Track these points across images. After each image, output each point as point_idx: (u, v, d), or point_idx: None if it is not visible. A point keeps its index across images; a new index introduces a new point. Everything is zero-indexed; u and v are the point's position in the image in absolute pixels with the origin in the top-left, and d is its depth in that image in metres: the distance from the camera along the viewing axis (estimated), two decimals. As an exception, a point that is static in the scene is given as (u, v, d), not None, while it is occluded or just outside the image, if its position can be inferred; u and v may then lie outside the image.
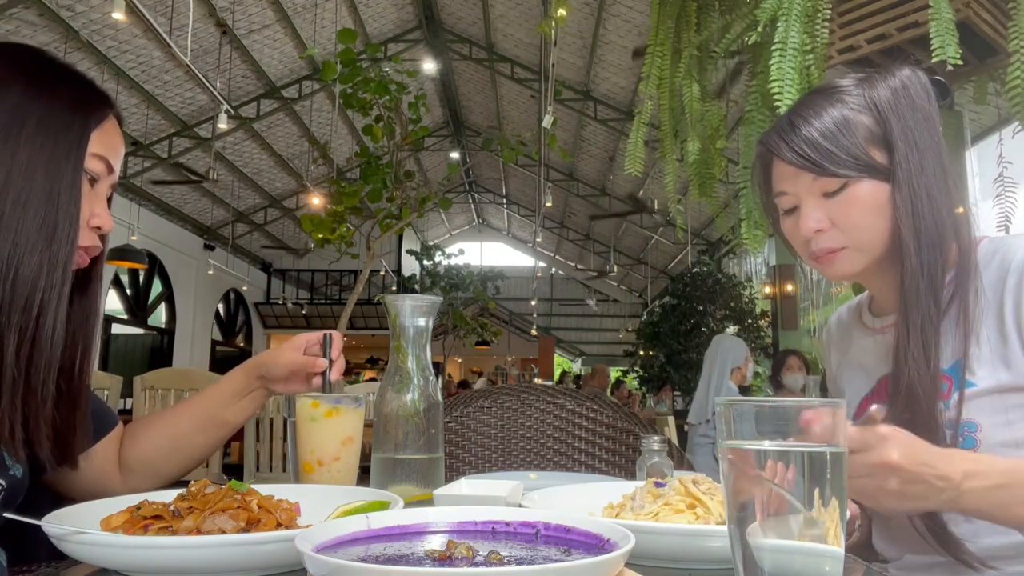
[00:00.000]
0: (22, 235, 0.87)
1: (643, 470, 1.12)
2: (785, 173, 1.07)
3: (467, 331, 16.86)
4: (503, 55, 12.98)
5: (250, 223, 16.53)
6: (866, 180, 1.02)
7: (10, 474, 0.94)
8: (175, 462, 1.16)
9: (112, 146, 1.00)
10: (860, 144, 1.03)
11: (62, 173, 0.91)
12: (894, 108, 1.03)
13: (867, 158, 1.02)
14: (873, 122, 1.04)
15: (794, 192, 1.07)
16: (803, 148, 1.03)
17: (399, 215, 7.06)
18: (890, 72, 1.07)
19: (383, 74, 6.59)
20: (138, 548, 0.66)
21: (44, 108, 0.92)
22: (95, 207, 0.98)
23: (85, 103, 0.97)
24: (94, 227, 0.98)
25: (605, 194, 16.45)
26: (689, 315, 12.70)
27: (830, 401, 0.57)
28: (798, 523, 0.55)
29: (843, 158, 1.02)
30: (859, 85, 1.07)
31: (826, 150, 1.02)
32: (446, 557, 0.58)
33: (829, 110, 1.05)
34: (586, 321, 25.69)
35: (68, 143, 0.93)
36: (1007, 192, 1.97)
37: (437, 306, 1.14)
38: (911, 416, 1.00)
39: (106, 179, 1.00)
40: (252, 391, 1.17)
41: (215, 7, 9.68)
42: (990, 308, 1.02)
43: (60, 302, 0.90)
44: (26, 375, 0.88)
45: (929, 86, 1.07)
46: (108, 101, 1.01)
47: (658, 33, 2.25)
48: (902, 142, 1.02)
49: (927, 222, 1.01)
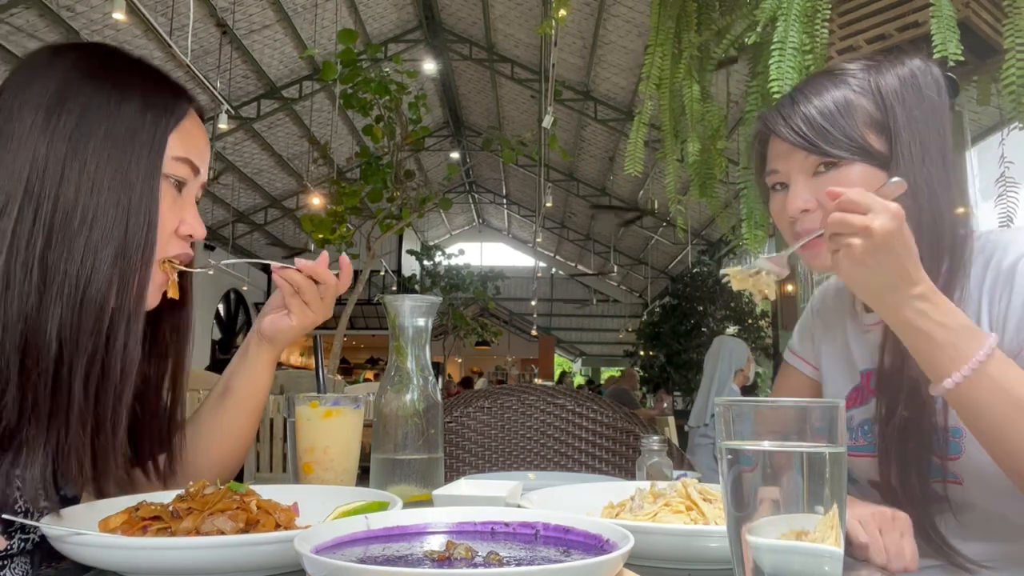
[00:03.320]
0: (90, 253, 0.82)
1: (643, 470, 1.12)
2: (779, 150, 1.06)
3: (467, 331, 16.87)
4: (503, 55, 12.99)
5: (250, 223, 16.53)
6: (859, 163, 1.00)
7: (60, 494, 0.89)
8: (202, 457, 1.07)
9: (195, 145, 0.93)
10: (858, 127, 1.01)
11: (133, 183, 0.85)
12: (900, 97, 1.02)
13: (863, 141, 1.00)
14: (875, 107, 1.02)
15: (785, 170, 1.05)
16: (799, 125, 1.02)
17: (399, 215, 7.07)
18: (900, 61, 1.05)
19: (383, 74, 6.60)
20: (137, 549, 0.66)
21: (113, 113, 0.86)
22: (184, 214, 0.92)
23: (157, 103, 0.90)
24: (184, 236, 0.92)
25: (605, 194, 16.45)
26: (689, 315, 12.71)
27: (829, 401, 0.57)
28: (797, 523, 0.55)
29: (838, 138, 1.00)
30: (866, 70, 1.05)
31: (822, 128, 1.00)
32: (445, 558, 0.58)
33: (832, 90, 1.03)
34: (586, 321, 25.70)
35: (140, 149, 0.86)
36: (1008, 192, 1.97)
37: (437, 306, 1.14)
38: (911, 416, 0.99)
39: (194, 182, 0.93)
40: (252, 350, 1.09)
41: (215, 7, 9.68)
42: (972, 306, 1.01)
43: (132, 323, 0.84)
44: (96, 404, 0.82)
45: (941, 79, 1.05)
46: (184, 96, 0.94)
47: (658, 33, 2.25)
48: (906, 132, 1.00)
49: (925, 215, 0.99)
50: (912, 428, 1.00)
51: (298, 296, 1.03)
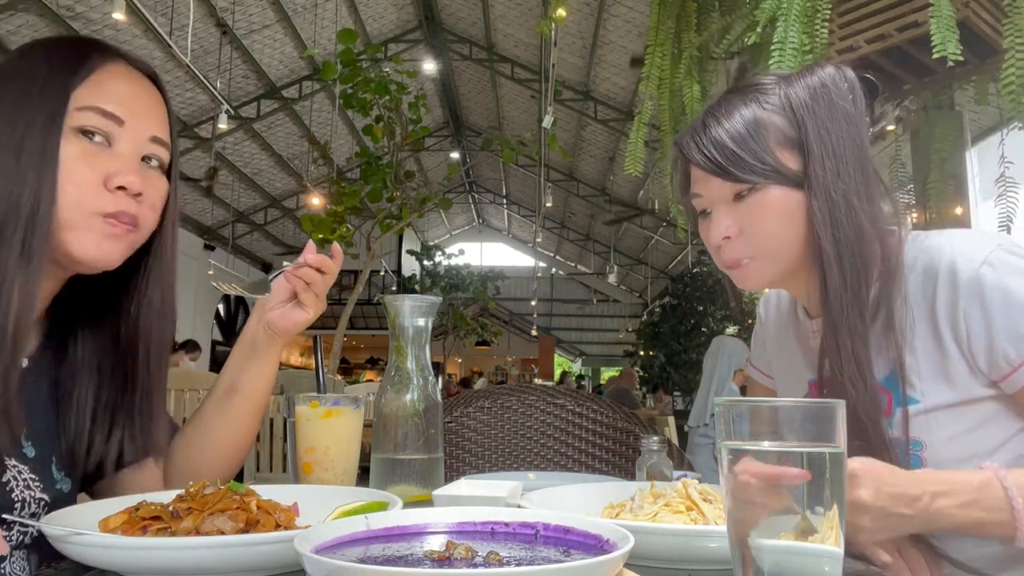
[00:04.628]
0: None
1: (643, 470, 1.12)
2: (698, 175, 1.03)
3: (467, 331, 16.88)
4: (503, 55, 12.99)
5: (250, 223, 16.53)
6: (774, 186, 0.97)
7: (56, 488, 0.90)
8: (209, 456, 1.06)
9: (112, 94, 0.88)
10: (770, 147, 0.97)
11: (30, 135, 0.83)
12: (810, 109, 0.98)
13: (775, 163, 0.97)
14: (787, 124, 0.98)
15: (707, 195, 1.03)
16: (711, 151, 0.98)
17: (399, 215, 7.07)
18: (811, 71, 1.02)
19: (383, 74, 6.60)
20: (136, 549, 0.66)
21: (16, 71, 0.86)
22: (111, 165, 0.86)
23: (60, 57, 0.87)
24: (116, 187, 0.86)
25: (605, 194, 16.45)
26: (689, 315, 12.71)
27: (826, 401, 0.57)
28: (798, 523, 0.55)
29: (750, 163, 0.96)
30: (778, 84, 1.02)
31: (732, 153, 0.97)
32: (445, 558, 0.58)
33: (742, 110, 0.99)
34: (586, 321, 25.70)
35: (38, 100, 0.84)
36: (1008, 192, 1.97)
37: (436, 306, 1.14)
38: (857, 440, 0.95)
39: (121, 133, 0.88)
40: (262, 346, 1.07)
41: (215, 7, 9.68)
42: (920, 316, 0.97)
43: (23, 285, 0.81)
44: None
45: (856, 84, 1.01)
46: (97, 50, 0.90)
47: (658, 33, 2.25)
48: (817, 146, 0.96)
49: (846, 231, 0.95)
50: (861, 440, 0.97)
51: (310, 290, 1.04)
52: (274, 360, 1.09)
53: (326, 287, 1.06)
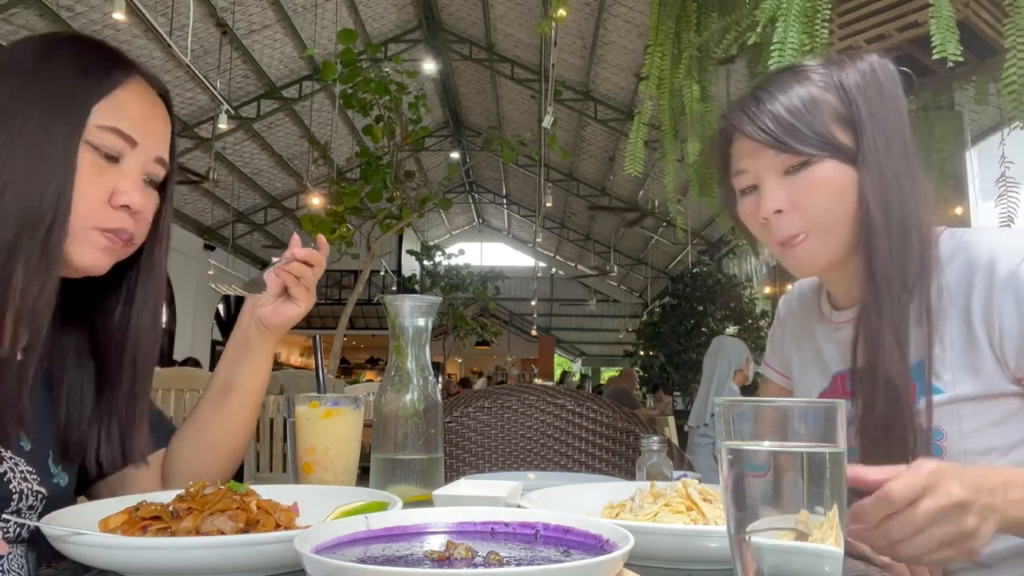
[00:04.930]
0: None
1: (643, 470, 1.12)
2: (746, 149, 1.03)
3: (467, 331, 16.88)
4: (503, 55, 13.00)
5: (250, 223, 16.53)
6: (829, 160, 0.98)
7: (53, 482, 0.91)
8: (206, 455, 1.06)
9: (129, 116, 0.89)
10: (825, 122, 0.99)
11: (50, 147, 0.84)
12: (862, 90, 1.01)
13: (832, 137, 0.99)
14: (839, 102, 1.01)
15: (754, 170, 1.03)
16: (766, 123, 0.99)
17: (399, 215, 7.07)
18: (859, 56, 1.05)
19: (383, 74, 6.60)
20: (136, 549, 0.66)
21: (42, 79, 0.86)
22: (119, 183, 0.88)
23: (87, 69, 0.88)
24: (120, 206, 0.88)
25: (605, 194, 16.46)
26: (689, 315, 12.71)
27: (829, 401, 0.57)
28: (798, 523, 0.55)
29: (807, 135, 0.98)
30: (827, 66, 1.04)
31: (790, 125, 0.98)
32: (445, 558, 0.58)
33: (796, 88, 1.01)
34: (586, 321, 25.71)
35: (61, 114, 0.85)
36: (1009, 192, 1.97)
37: (437, 306, 1.14)
38: (889, 413, 0.97)
39: (132, 155, 0.90)
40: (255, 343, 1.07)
41: (215, 7, 9.69)
42: (955, 309, 0.98)
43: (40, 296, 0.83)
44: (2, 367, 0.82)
45: (897, 74, 1.04)
46: (120, 66, 0.91)
47: (658, 33, 2.25)
48: (869, 124, 0.99)
49: (894, 205, 0.97)
50: (893, 426, 0.98)
51: (301, 283, 1.05)
52: (268, 356, 1.09)
53: (315, 280, 1.07)
